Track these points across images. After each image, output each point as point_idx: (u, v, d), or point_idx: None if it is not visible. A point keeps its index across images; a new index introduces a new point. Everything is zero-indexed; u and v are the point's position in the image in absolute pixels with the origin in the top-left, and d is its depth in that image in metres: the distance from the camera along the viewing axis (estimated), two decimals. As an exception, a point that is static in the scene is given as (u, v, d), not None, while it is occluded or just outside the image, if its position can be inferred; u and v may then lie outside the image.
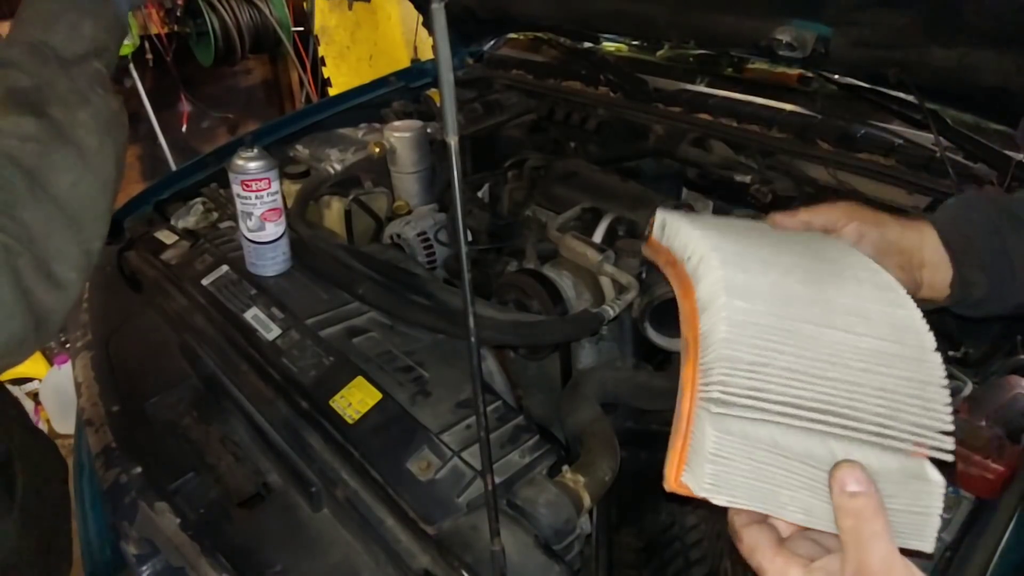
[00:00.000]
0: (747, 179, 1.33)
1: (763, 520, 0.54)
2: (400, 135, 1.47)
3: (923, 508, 0.51)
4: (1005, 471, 0.75)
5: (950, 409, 0.53)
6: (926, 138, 1.28)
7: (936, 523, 0.51)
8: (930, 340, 0.57)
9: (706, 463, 0.50)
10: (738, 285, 0.59)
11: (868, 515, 0.47)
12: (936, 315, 1.04)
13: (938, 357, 0.56)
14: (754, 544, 0.52)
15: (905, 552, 0.48)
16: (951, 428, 0.52)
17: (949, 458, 0.52)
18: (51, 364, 2.64)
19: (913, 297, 0.66)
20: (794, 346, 0.55)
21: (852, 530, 0.47)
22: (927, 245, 0.73)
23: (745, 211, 1.41)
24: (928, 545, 0.51)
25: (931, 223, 0.73)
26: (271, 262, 1.20)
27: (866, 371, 0.55)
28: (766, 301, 0.58)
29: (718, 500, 0.50)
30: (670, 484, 0.52)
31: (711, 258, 0.63)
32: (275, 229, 1.18)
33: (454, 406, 0.92)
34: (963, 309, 0.75)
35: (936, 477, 0.52)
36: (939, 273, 0.72)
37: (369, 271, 1.17)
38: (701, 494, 0.50)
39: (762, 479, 0.51)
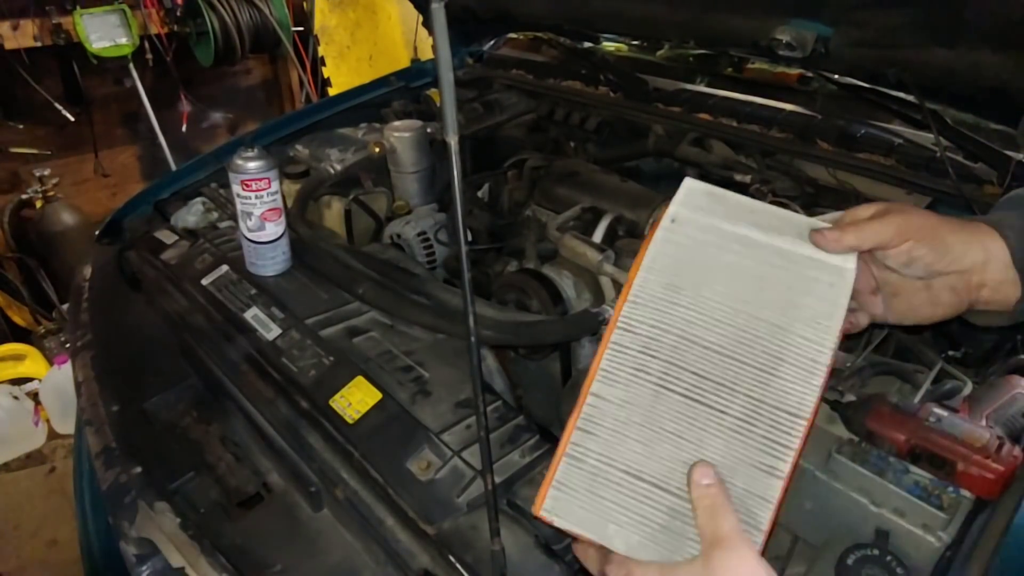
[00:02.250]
0: (747, 179, 1.33)
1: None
2: (400, 135, 1.47)
3: (762, 494, 0.58)
4: (1005, 471, 0.75)
5: (801, 429, 0.59)
6: (926, 138, 1.28)
7: (770, 511, 0.58)
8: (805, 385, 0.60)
9: (551, 489, 0.59)
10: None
11: (720, 499, 0.56)
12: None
13: (802, 386, 0.60)
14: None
15: None
16: (794, 447, 0.58)
17: (784, 469, 0.58)
18: (51, 364, 2.64)
19: (960, 313, 0.67)
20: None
21: (707, 509, 0.56)
22: (992, 263, 0.65)
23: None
24: (758, 535, 0.57)
25: (1002, 236, 0.65)
26: (271, 262, 1.20)
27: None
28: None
29: (557, 523, 0.59)
30: (535, 511, 0.59)
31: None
32: (275, 229, 1.18)
33: (454, 406, 0.92)
34: (1016, 319, 0.69)
35: (783, 468, 0.58)
36: (1000, 293, 0.65)
37: (369, 271, 1.17)
38: (542, 515, 0.59)
39: (595, 512, 0.58)
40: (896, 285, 0.69)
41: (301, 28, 3.54)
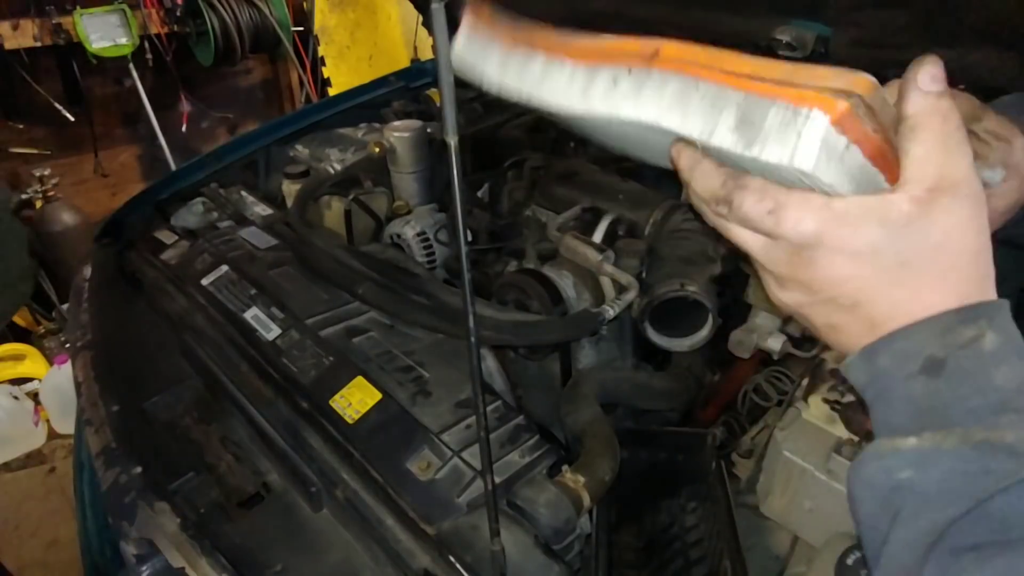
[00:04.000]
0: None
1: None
2: (400, 135, 1.47)
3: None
4: (1005, 471, 0.75)
5: None
6: (926, 138, 1.27)
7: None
8: None
9: None
10: None
11: (953, 122, 0.42)
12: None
13: None
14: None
15: None
16: None
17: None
18: (51, 364, 2.64)
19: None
20: None
21: (939, 134, 0.42)
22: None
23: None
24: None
25: None
26: None
27: None
28: None
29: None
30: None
31: None
32: None
33: (454, 406, 0.92)
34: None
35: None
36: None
37: (369, 271, 1.17)
38: None
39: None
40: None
41: (301, 28, 3.55)
